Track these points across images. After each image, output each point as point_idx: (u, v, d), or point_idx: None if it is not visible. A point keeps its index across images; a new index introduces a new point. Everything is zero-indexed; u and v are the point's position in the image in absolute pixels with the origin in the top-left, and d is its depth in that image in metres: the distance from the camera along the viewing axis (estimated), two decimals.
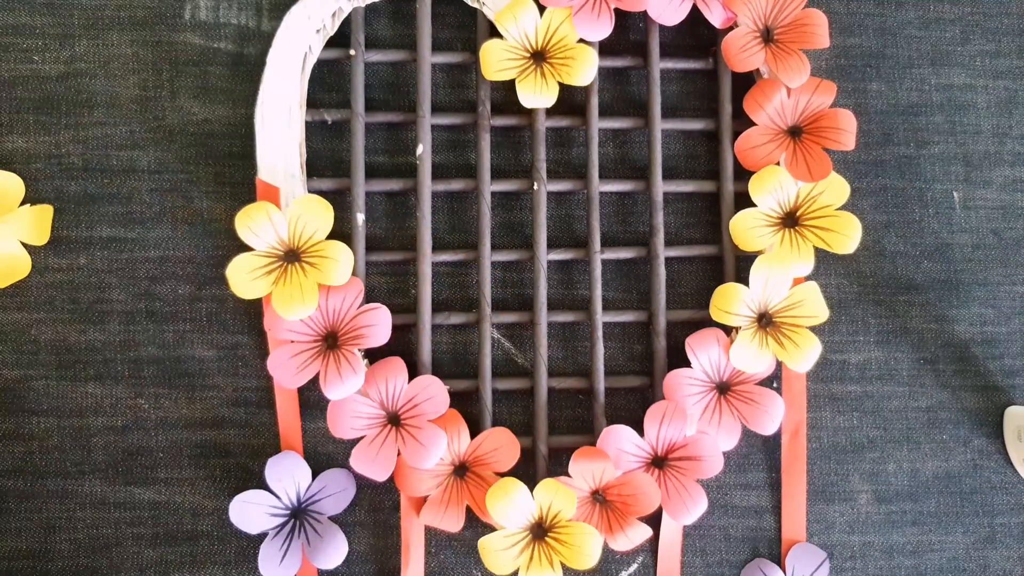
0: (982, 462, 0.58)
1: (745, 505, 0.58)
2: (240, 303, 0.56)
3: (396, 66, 0.58)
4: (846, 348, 0.59)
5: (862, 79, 0.59)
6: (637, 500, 0.54)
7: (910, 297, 0.59)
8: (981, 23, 0.60)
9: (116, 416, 0.56)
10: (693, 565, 0.57)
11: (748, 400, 0.55)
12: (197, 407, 0.56)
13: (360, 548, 0.56)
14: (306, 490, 0.55)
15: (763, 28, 0.56)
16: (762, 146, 0.56)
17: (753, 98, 0.56)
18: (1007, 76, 0.60)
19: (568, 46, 0.55)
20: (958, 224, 0.59)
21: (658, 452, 0.55)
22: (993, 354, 0.59)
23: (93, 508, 0.56)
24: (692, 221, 0.59)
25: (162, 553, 0.56)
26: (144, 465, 0.56)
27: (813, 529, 0.58)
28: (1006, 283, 0.59)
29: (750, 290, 0.55)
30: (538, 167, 0.56)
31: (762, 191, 0.56)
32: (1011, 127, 0.60)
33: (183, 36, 0.57)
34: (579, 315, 0.57)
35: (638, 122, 0.58)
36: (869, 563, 0.58)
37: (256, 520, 0.54)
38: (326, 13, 0.55)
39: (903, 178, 0.59)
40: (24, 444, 0.56)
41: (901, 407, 0.58)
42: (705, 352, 0.56)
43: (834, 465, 0.58)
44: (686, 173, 0.59)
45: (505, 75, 0.55)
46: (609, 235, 0.58)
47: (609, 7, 0.55)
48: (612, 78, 0.59)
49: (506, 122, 0.57)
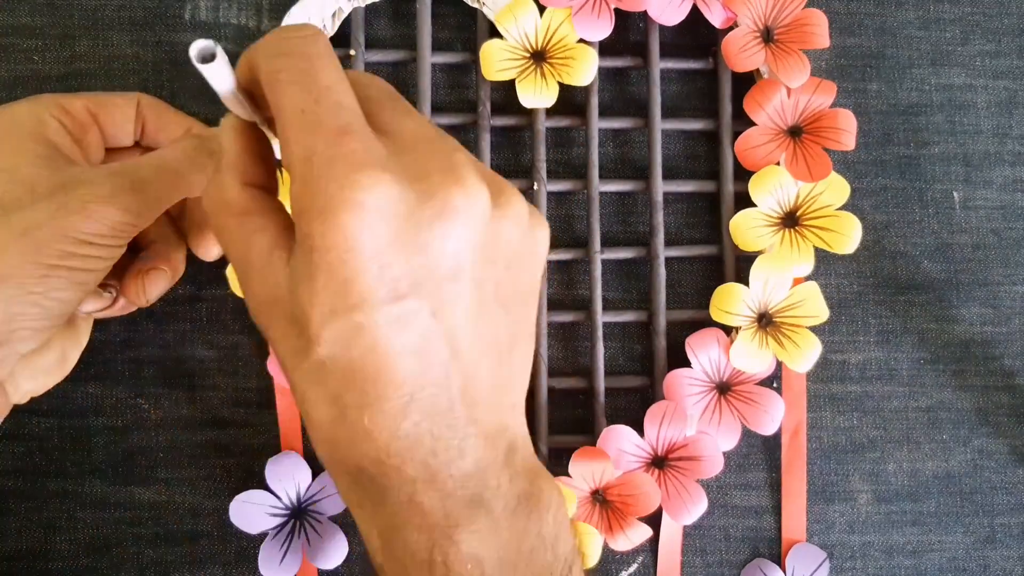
0: (982, 462, 0.58)
1: (745, 505, 0.58)
2: (240, 303, 0.56)
3: (396, 66, 0.58)
4: (846, 348, 0.59)
5: (862, 79, 0.59)
6: (637, 500, 0.55)
7: (910, 297, 0.59)
8: (981, 23, 0.60)
9: (116, 416, 0.56)
10: (693, 565, 0.57)
11: (748, 400, 0.55)
12: (197, 407, 0.56)
13: (360, 548, 0.56)
14: (306, 490, 0.55)
15: (763, 28, 0.56)
16: (762, 146, 0.56)
17: (753, 98, 0.56)
18: (1007, 76, 0.60)
19: (568, 46, 0.55)
20: (958, 224, 0.59)
21: (658, 452, 0.55)
22: (993, 354, 0.59)
23: (93, 508, 0.56)
24: (692, 221, 0.59)
25: (162, 553, 0.56)
26: (144, 465, 0.56)
27: (813, 529, 0.58)
28: (1006, 283, 0.59)
29: (750, 290, 0.55)
30: (538, 167, 0.56)
31: (762, 191, 0.56)
32: (1011, 127, 0.60)
33: (183, 36, 0.57)
34: (579, 315, 0.57)
35: (638, 122, 0.58)
36: (869, 563, 0.58)
37: (256, 520, 0.54)
38: (326, 13, 0.55)
39: (903, 178, 0.59)
40: (24, 444, 0.56)
41: (901, 407, 0.58)
42: (705, 352, 0.56)
43: (834, 465, 0.58)
44: (686, 173, 0.59)
45: (505, 75, 0.55)
46: (609, 235, 0.58)
47: (609, 7, 0.55)
48: (612, 78, 0.59)
49: (506, 122, 0.57)
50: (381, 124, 0.38)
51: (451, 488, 0.37)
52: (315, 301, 0.35)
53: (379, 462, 0.36)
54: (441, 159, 0.37)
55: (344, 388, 0.36)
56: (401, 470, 0.36)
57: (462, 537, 0.37)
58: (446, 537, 0.37)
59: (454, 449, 0.37)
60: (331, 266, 0.35)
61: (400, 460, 0.36)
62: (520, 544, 0.38)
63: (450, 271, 0.36)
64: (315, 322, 0.35)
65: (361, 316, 0.35)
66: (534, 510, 0.38)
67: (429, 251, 0.36)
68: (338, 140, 0.35)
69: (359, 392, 0.36)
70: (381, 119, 0.38)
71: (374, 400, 0.36)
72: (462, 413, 0.37)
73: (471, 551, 0.37)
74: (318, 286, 0.35)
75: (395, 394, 0.36)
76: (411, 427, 0.36)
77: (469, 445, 0.37)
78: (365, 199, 0.34)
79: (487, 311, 0.38)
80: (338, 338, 0.35)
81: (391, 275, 0.35)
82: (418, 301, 0.35)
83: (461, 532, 0.37)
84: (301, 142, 0.36)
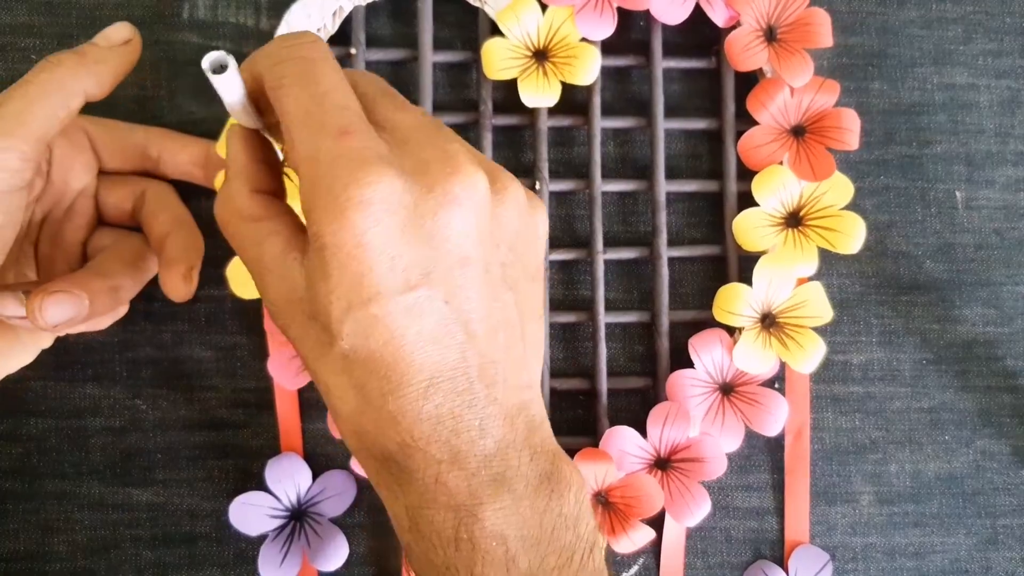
0: (985, 463, 0.58)
1: (747, 507, 0.58)
2: (239, 304, 0.56)
3: (397, 65, 0.57)
4: (848, 349, 0.58)
5: (864, 78, 0.59)
6: (640, 502, 0.54)
7: (912, 297, 0.59)
8: (984, 22, 0.60)
9: (114, 417, 0.56)
10: (695, 567, 0.57)
11: (751, 401, 0.55)
12: (195, 408, 0.56)
13: (360, 551, 0.56)
14: (306, 491, 0.55)
15: (766, 27, 0.56)
16: (765, 145, 0.56)
17: (756, 97, 0.56)
18: (1010, 75, 0.60)
19: (570, 45, 0.55)
20: (960, 224, 0.59)
21: (661, 453, 0.55)
22: (996, 355, 0.59)
23: (91, 510, 0.55)
24: (695, 221, 0.59)
25: (160, 555, 0.56)
26: (142, 466, 0.56)
27: (815, 531, 0.57)
28: (1009, 283, 0.59)
29: (753, 290, 0.55)
30: (540, 166, 0.56)
31: (765, 191, 0.56)
32: (1014, 127, 0.59)
33: (181, 35, 0.57)
34: (581, 315, 0.57)
35: (640, 121, 0.57)
36: (871, 565, 0.57)
37: (256, 522, 0.54)
38: (326, 12, 0.55)
39: (905, 178, 0.59)
40: (21, 445, 0.55)
41: (903, 408, 0.58)
42: (708, 353, 0.55)
43: (836, 466, 0.58)
44: (688, 173, 0.59)
45: (507, 74, 0.55)
46: (611, 235, 0.58)
47: (612, 6, 0.55)
48: (613, 77, 0.58)
49: (508, 121, 0.57)
50: (378, 120, 0.40)
51: (475, 467, 0.38)
52: (332, 297, 0.37)
53: (405, 445, 0.38)
54: (438, 150, 0.39)
55: (367, 377, 0.38)
56: (426, 452, 0.38)
57: (486, 515, 0.38)
58: (471, 515, 0.38)
59: (475, 429, 0.38)
60: (343, 262, 0.36)
61: (425, 442, 0.38)
62: (542, 522, 0.39)
63: (458, 258, 0.38)
64: (334, 317, 0.37)
65: (376, 308, 0.37)
66: (555, 489, 0.40)
67: (436, 240, 0.37)
68: (341, 140, 0.37)
69: (382, 379, 0.37)
70: (378, 115, 0.40)
71: (396, 386, 0.37)
72: (481, 393, 0.38)
73: (495, 528, 0.38)
74: (333, 283, 0.37)
75: (415, 379, 0.37)
76: (433, 409, 0.38)
77: (490, 424, 0.39)
78: (371, 195, 0.36)
79: (496, 293, 0.39)
80: (357, 331, 0.37)
81: (401, 266, 0.37)
82: (430, 289, 0.37)
83: (485, 510, 0.38)
84: (307, 144, 0.37)
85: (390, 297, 0.37)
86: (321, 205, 0.36)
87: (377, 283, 0.36)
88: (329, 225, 0.36)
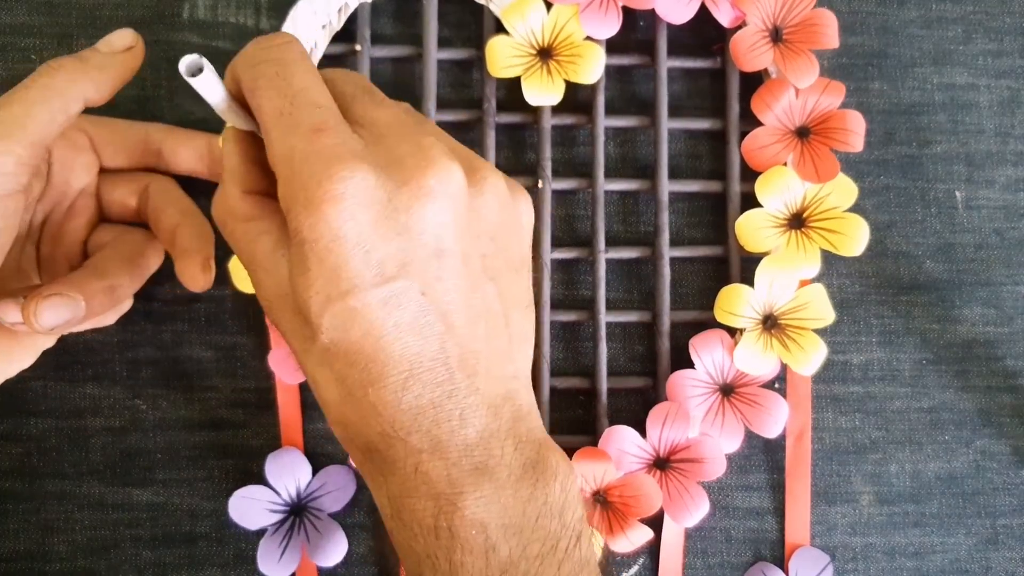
0: (985, 463, 0.58)
1: (747, 507, 0.58)
2: (239, 304, 0.56)
3: (401, 62, 0.57)
4: (848, 349, 0.58)
5: (864, 78, 0.59)
6: (638, 502, 0.54)
7: (912, 297, 0.59)
8: (984, 22, 0.60)
9: (114, 417, 0.56)
10: (694, 567, 0.57)
11: (752, 402, 0.55)
12: (195, 408, 0.56)
13: (360, 550, 0.56)
14: (306, 486, 0.55)
15: (772, 27, 0.56)
16: (769, 146, 0.56)
17: (761, 98, 0.56)
18: (1010, 75, 0.60)
19: (575, 43, 0.55)
20: (960, 224, 0.59)
21: (660, 454, 0.55)
22: (996, 355, 0.59)
23: (91, 509, 0.55)
24: (697, 221, 0.58)
25: (160, 555, 0.56)
26: (142, 466, 0.56)
27: (815, 531, 0.57)
28: (1009, 283, 0.59)
29: (755, 292, 0.55)
30: (543, 165, 0.56)
31: (769, 192, 0.56)
32: (1014, 126, 0.60)
33: (181, 35, 0.56)
34: (582, 315, 0.57)
35: (644, 121, 0.57)
36: (871, 565, 0.58)
37: (255, 516, 0.54)
38: (332, 9, 0.55)
39: (905, 178, 0.59)
40: (21, 445, 0.55)
41: (903, 408, 0.58)
42: (709, 353, 0.55)
43: (836, 467, 0.58)
44: (691, 173, 0.58)
45: (511, 72, 0.55)
46: (613, 234, 0.58)
47: (617, 5, 0.55)
48: (617, 76, 0.58)
49: (511, 119, 0.57)
50: (356, 117, 0.41)
51: (456, 457, 0.39)
52: (311, 291, 0.38)
53: (385, 435, 0.39)
54: (413, 144, 0.39)
55: (348, 369, 0.38)
56: (407, 442, 0.39)
57: (466, 503, 0.38)
58: (451, 504, 0.38)
59: (456, 418, 0.39)
60: (321, 256, 0.37)
61: (405, 432, 0.39)
62: (526, 510, 0.39)
63: (433, 249, 0.38)
64: (314, 311, 0.38)
65: (353, 300, 0.37)
66: (540, 478, 0.40)
67: (411, 233, 0.38)
68: (314, 137, 0.38)
69: (362, 371, 0.38)
70: (355, 112, 0.41)
71: (376, 378, 0.38)
72: (462, 383, 0.39)
73: (475, 517, 0.38)
74: (312, 276, 0.38)
75: (395, 370, 0.38)
76: (412, 399, 0.38)
77: (471, 414, 0.39)
78: (343, 190, 0.37)
79: (476, 284, 0.40)
80: (336, 323, 0.38)
81: (377, 259, 0.37)
82: (406, 281, 0.38)
83: (466, 499, 0.38)
84: (282, 142, 0.39)
85: (366, 290, 0.37)
86: (298, 201, 0.37)
87: (353, 276, 0.37)
88: (306, 220, 0.37)
